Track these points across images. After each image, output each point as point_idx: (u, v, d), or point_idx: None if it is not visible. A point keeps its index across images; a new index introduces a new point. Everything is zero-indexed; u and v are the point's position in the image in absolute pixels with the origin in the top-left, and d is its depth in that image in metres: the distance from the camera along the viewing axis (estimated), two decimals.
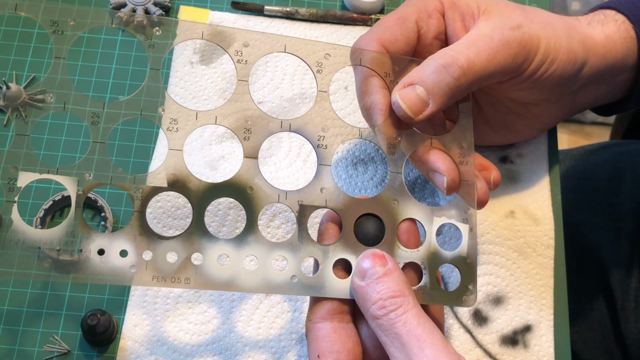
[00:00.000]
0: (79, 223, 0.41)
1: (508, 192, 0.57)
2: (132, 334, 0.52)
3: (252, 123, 0.45)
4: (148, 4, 0.63)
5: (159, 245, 0.42)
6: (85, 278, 0.41)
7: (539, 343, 0.53)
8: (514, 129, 0.56)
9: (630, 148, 0.78)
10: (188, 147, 0.56)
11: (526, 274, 0.55)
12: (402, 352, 0.40)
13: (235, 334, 0.53)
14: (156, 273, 0.42)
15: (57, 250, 0.41)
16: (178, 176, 0.43)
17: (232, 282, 0.43)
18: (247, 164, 0.45)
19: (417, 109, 0.46)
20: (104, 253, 0.41)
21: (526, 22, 0.49)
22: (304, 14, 0.63)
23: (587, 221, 0.75)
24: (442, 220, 0.47)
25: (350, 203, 0.46)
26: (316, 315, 0.44)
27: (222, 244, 0.43)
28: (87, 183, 0.42)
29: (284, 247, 0.44)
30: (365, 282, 0.43)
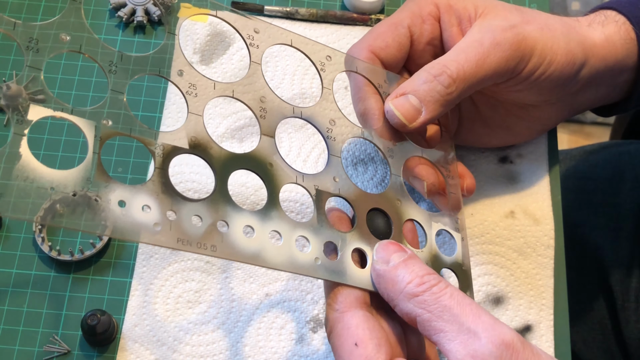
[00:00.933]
0: (96, 171, 0.38)
1: (508, 192, 0.57)
2: (132, 334, 0.52)
3: (267, 103, 0.45)
4: (148, 3, 0.63)
5: (183, 206, 0.40)
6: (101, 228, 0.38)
7: (539, 343, 0.53)
8: (513, 131, 0.56)
9: (630, 148, 0.78)
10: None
11: (526, 274, 0.55)
12: (455, 323, 0.38)
13: (235, 334, 0.53)
14: (181, 235, 0.39)
15: (73, 195, 0.37)
16: (200, 140, 0.42)
17: (259, 255, 0.41)
18: (266, 141, 0.44)
19: (410, 116, 0.47)
20: (124, 205, 0.38)
21: (522, 23, 0.49)
22: (304, 14, 0.63)
23: (587, 221, 0.75)
24: (439, 225, 0.48)
25: (362, 195, 0.46)
26: (343, 304, 0.42)
27: (247, 215, 0.41)
28: (105, 129, 0.40)
29: (306, 227, 0.43)
30: (391, 265, 0.42)
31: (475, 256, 0.55)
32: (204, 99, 0.43)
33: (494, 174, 0.57)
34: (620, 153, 0.78)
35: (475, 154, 0.58)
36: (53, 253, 0.54)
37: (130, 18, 0.63)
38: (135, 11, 0.63)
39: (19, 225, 0.56)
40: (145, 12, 0.63)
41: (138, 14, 0.63)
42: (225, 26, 0.62)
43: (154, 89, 0.61)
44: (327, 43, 0.62)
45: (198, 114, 0.43)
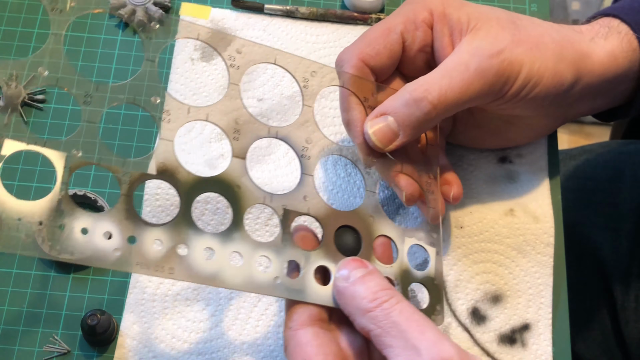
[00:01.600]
0: (63, 199, 0.40)
1: (507, 191, 0.57)
2: (130, 331, 0.52)
3: (241, 125, 0.46)
4: (148, 3, 0.63)
5: (144, 231, 0.42)
6: (65, 255, 0.39)
7: (537, 342, 0.53)
8: (507, 136, 0.56)
9: (630, 148, 0.78)
10: (183, 141, 0.56)
11: (525, 272, 0.55)
12: (402, 339, 0.40)
13: (233, 331, 0.53)
14: (140, 259, 0.41)
15: (39, 223, 0.39)
16: (167, 165, 0.43)
17: (216, 276, 0.42)
18: (236, 163, 0.45)
19: (386, 140, 0.48)
20: (87, 232, 0.40)
21: (511, 45, 0.48)
22: (304, 13, 0.63)
23: (587, 221, 0.74)
24: (412, 240, 0.48)
25: (331, 213, 0.47)
26: (296, 322, 0.43)
27: (208, 237, 0.43)
28: (75, 159, 0.41)
29: (268, 247, 0.44)
30: (350, 282, 0.43)
31: (474, 254, 0.55)
32: (177, 124, 0.44)
33: (493, 173, 0.57)
34: (620, 153, 0.78)
35: (475, 153, 0.58)
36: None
37: (130, 18, 0.63)
38: (136, 11, 0.63)
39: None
40: (145, 12, 0.63)
41: (138, 14, 0.63)
42: (226, 23, 0.62)
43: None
44: (327, 42, 0.62)
45: (169, 140, 0.44)
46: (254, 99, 0.59)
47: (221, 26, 0.62)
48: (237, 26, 0.62)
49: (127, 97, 0.44)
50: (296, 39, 0.62)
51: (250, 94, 0.59)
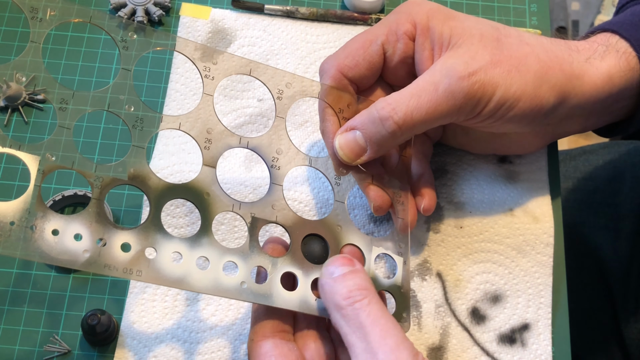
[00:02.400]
0: (36, 201, 0.41)
1: (507, 191, 0.57)
2: (130, 331, 0.52)
3: (213, 135, 0.47)
4: (148, 4, 0.63)
5: (114, 234, 0.42)
6: (35, 256, 0.40)
7: (537, 342, 0.53)
8: (496, 147, 0.56)
9: (630, 148, 0.78)
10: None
11: (525, 272, 0.55)
12: (364, 341, 0.41)
13: (233, 331, 0.53)
14: (108, 261, 0.42)
15: (11, 224, 0.40)
16: (138, 172, 0.44)
17: (183, 280, 0.43)
18: (206, 172, 0.46)
19: (354, 154, 0.49)
20: (58, 234, 0.41)
21: (488, 66, 0.47)
22: (304, 13, 0.63)
23: (587, 221, 0.74)
24: (380, 250, 0.50)
25: (299, 222, 0.48)
26: (258, 335, 0.45)
27: (176, 242, 0.44)
28: (48, 163, 0.42)
29: (235, 253, 0.45)
30: (332, 277, 0.44)
31: (474, 254, 0.55)
32: (148, 132, 0.45)
33: (493, 173, 0.57)
34: (620, 153, 0.78)
35: (474, 153, 0.58)
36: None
37: (130, 18, 0.63)
38: (136, 11, 0.63)
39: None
40: (145, 12, 0.63)
41: (138, 14, 0.63)
42: (226, 23, 0.62)
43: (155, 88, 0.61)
44: (327, 42, 0.62)
45: (141, 147, 0.45)
46: (254, 99, 0.59)
47: (221, 26, 0.62)
48: (237, 26, 0.62)
49: (101, 104, 0.45)
50: (296, 39, 0.62)
51: (250, 94, 0.59)
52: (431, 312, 0.53)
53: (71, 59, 0.62)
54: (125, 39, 0.45)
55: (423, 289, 0.54)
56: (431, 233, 0.56)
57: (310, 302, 0.46)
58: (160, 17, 0.63)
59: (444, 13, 0.51)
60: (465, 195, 0.56)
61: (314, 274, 0.47)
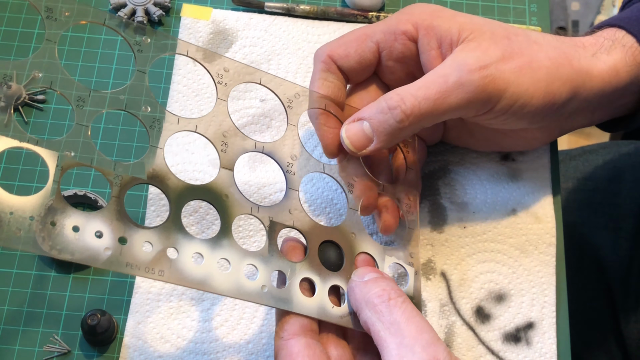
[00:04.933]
0: (55, 197, 0.41)
1: (510, 190, 0.57)
2: (135, 331, 0.52)
3: (228, 138, 0.47)
4: (148, 4, 0.63)
5: (135, 232, 0.42)
6: (55, 252, 0.40)
7: (542, 340, 0.53)
8: (501, 145, 0.57)
9: (630, 148, 0.79)
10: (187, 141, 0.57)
11: (528, 271, 0.55)
12: (399, 336, 0.41)
13: (238, 331, 0.53)
14: (130, 260, 0.41)
15: (31, 218, 0.40)
16: (157, 172, 0.44)
17: (205, 281, 0.43)
18: (224, 174, 0.46)
19: (360, 144, 0.48)
20: (78, 230, 0.41)
21: (499, 61, 0.47)
22: (304, 10, 0.63)
23: (587, 221, 0.75)
24: (392, 259, 0.50)
25: (316, 228, 0.48)
26: (287, 332, 0.44)
27: (197, 243, 0.44)
28: (67, 160, 0.42)
29: (255, 256, 0.45)
30: (366, 279, 0.45)
31: (477, 254, 0.55)
32: (166, 133, 0.45)
33: (496, 172, 0.58)
34: (620, 153, 0.78)
35: (477, 151, 0.58)
36: (53, 253, 0.54)
37: (130, 18, 0.63)
38: (136, 11, 0.63)
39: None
40: (145, 13, 0.63)
41: (138, 14, 0.63)
42: (227, 24, 0.62)
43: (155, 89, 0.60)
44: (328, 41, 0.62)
45: (159, 147, 0.45)
46: (256, 99, 0.59)
47: (222, 27, 0.62)
48: (239, 27, 0.62)
49: (119, 103, 0.45)
50: (297, 38, 0.62)
51: (253, 94, 0.59)
52: (436, 311, 0.53)
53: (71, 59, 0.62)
54: (139, 42, 0.46)
55: (428, 288, 0.54)
56: (435, 233, 0.56)
57: (328, 309, 0.46)
58: (160, 17, 0.63)
59: (449, 12, 0.51)
60: (468, 195, 0.56)
61: (331, 280, 0.47)
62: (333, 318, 0.46)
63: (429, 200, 0.56)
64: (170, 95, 0.59)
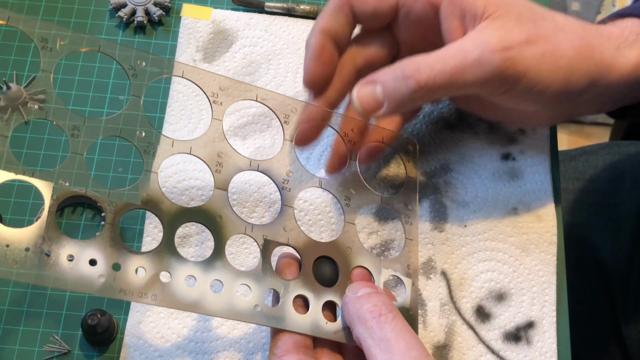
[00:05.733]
0: (51, 227, 0.42)
1: (510, 189, 0.57)
2: (136, 331, 0.52)
3: (223, 158, 0.47)
4: (148, 4, 0.63)
5: (128, 258, 0.43)
6: (51, 280, 0.41)
7: (542, 339, 0.53)
8: (507, 118, 0.56)
9: (630, 149, 0.79)
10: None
11: (529, 270, 0.55)
12: (388, 353, 0.42)
13: (239, 330, 0.52)
14: (124, 286, 0.42)
15: (26, 250, 0.41)
16: (152, 196, 0.45)
17: (198, 303, 0.44)
18: (218, 195, 0.47)
19: (370, 107, 0.48)
20: (73, 259, 0.42)
21: (522, 44, 0.46)
22: (304, 10, 0.63)
23: (587, 222, 0.75)
24: (389, 272, 0.50)
25: (310, 244, 0.48)
26: (281, 349, 0.44)
27: (190, 266, 0.44)
28: (62, 189, 0.43)
29: (249, 276, 0.46)
30: (359, 294, 0.45)
31: (478, 253, 0.55)
32: (161, 157, 0.46)
33: (496, 171, 0.58)
34: (620, 154, 0.78)
35: (478, 150, 0.58)
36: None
37: (130, 18, 0.63)
38: (136, 11, 0.63)
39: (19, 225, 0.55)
40: (145, 13, 0.63)
41: (138, 14, 0.63)
42: (227, 24, 0.62)
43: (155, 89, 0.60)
44: None
45: (154, 172, 0.45)
46: None
47: (222, 27, 0.62)
48: (239, 27, 0.62)
49: (113, 130, 0.45)
50: (298, 38, 0.62)
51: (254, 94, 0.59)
52: (436, 311, 0.53)
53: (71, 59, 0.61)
54: (134, 67, 0.46)
55: (428, 288, 0.54)
56: (436, 232, 0.56)
57: (321, 326, 0.46)
58: (160, 17, 0.63)
59: None
60: (469, 194, 0.56)
61: (326, 296, 0.47)
62: (327, 334, 0.46)
63: (429, 199, 0.56)
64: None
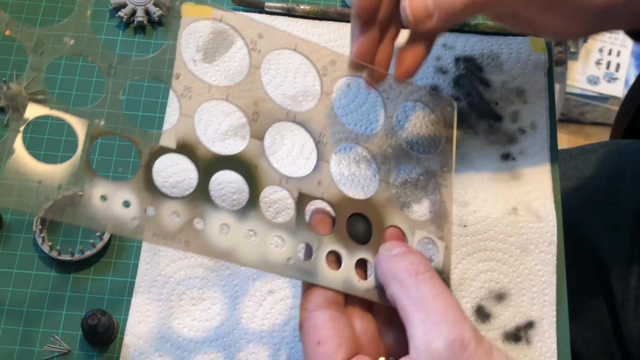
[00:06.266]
0: (84, 166, 0.41)
1: (510, 189, 0.57)
2: (136, 330, 0.52)
3: (260, 107, 0.46)
4: (148, 4, 0.63)
5: (162, 203, 0.42)
6: (83, 219, 0.40)
7: (542, 339, 0.53)
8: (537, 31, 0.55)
9: (630, 147, 0.79)
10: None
11: (529, 270, 0.55)
12: (425, 312, 0.40)
13: (239, 330, 0.53)
14: (157, 230, 0.41)
15: (59, 187, 0.40)
16: (187, 141, 0.44)
17: (231, 252, 0.43)
18: (254, 144, 0.45)
19: (421, 16, 0.47)
20: (106, 199, 0.41)
21: None
22: (304, 10, 0.63)
23: (587, 220, 0.75)
24: (422, 233, 0.49)
25: (345, 200, 0.47)
26: (312, 304, 0.44)
27: (224, 214, 0.43)
28: (97, 128, 0.42)
29: (282, 228, 0.45)
30: (394, 253, 0.44)
31: (478, 253, 0.55)
32: (197, 101, 0.45)
33: (496, 171, 0.58)
34: (620, 152, 0.78)
35: (478, 150, 0.58)
36: (53, 253, 0.54)
37: (130, 18, 0.63)
38: (136, 11, 0.63)
39: (19, 225, 0.56)
40: (145, 13, 0.63)
41: (138, 14, 0.63)
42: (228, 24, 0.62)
43: (155, 89, 0.61)
44: (329, 41, 0.62)
45: (189, 116, 0.44)
46: None
47: (223, 27, 0.62)
48: (239, 26, 0.62)
49: (150, 71, 0.44)
50: None
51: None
52: None
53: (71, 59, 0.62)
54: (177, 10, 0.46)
55: None
56: None
57: (354, 283, 0.45)
58: (160, 17, 0.63)
59: None
60: (469, 194, 0.56)
61: (358, 254, 0.46)
62: (359, 292, 0.45)
63: (429, 199, 0.56)
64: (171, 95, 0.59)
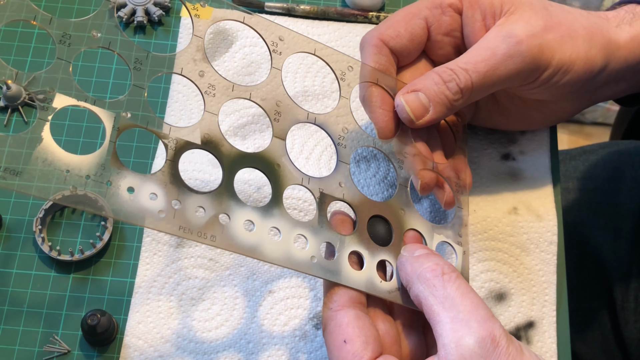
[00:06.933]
0: (111, 157, 0.41)
1: (510, 189, 0.57)
2: (136, 331, 0.52)
3: (282, 107, 0.47)
4: (148, 4, 0.63)
5: (188, 197, 0.42)
6: (109, 211, 0.40)
7: (542, 339, 0.53)
8: (529, 120, 0.57)
9: (630, 148, 0.79)
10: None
11: (529, 270, 0.55)
12: (453, 311, 0.41)
13: (238, 330, 0.53)
14: (183, 224, 0.41)
15: (86, 177, 0.40)
16: (212, 137, 0.44)
17: (256, 248, 0.43)
18: (276, 143, 0.46)
19: (419, 113, 0.49)
20: (133, 191, 0.41)
21: (543, 31, 0.49)
22: (305, 10, 0.63)
23: (587, 221, 0.75)
24: (441, 237, 0.49)
25: (365, 202, 0.48)
26: (337, 303, 0.44)
27: (249, 210, 0.44)
28: (124, 121, 0.42)
29: (305, 227, 0.45)
30: (415, 255, 0.45)
31: (478, 252, 0.55)
32: (221, 99, 0.46)
33: (496, 170, 0.58)
34: (620, 153, 0.78)
35: (478, 150, 0.59)
36: (53, 253, 0.54)
37: (130, 18, 0.63)
38: (136, 11, 0.63)
39: (19, 225, 0.56)
40: (145, 13, 0.63)
41: (138, 14, 0.63)
42: (227, 24, 0.62)
43: (155, 89, 0.61)
44: (329, 41, 0.63)
45: (214, 113, 0.45)
46: None
47: (223, 27, 0.62)
48: (239, 27, 0.62)
49: (175, 68, 0.45)
50: None
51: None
52: None
53: None
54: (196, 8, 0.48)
55: None
56: None
57: (376, 284, 0.45)
58: (160, 17, 0.63)
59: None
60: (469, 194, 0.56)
61: (380, 255, 0.46)
62: (381, 292, 0.45)
63: (429, 199, 0.56)
64: (170, 95, 0.59)
